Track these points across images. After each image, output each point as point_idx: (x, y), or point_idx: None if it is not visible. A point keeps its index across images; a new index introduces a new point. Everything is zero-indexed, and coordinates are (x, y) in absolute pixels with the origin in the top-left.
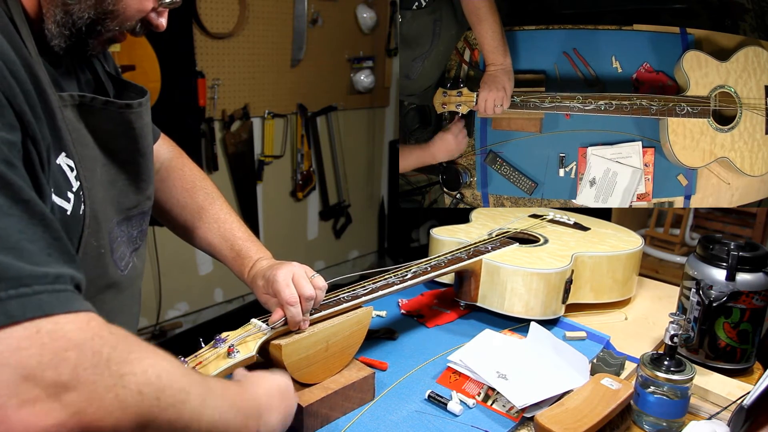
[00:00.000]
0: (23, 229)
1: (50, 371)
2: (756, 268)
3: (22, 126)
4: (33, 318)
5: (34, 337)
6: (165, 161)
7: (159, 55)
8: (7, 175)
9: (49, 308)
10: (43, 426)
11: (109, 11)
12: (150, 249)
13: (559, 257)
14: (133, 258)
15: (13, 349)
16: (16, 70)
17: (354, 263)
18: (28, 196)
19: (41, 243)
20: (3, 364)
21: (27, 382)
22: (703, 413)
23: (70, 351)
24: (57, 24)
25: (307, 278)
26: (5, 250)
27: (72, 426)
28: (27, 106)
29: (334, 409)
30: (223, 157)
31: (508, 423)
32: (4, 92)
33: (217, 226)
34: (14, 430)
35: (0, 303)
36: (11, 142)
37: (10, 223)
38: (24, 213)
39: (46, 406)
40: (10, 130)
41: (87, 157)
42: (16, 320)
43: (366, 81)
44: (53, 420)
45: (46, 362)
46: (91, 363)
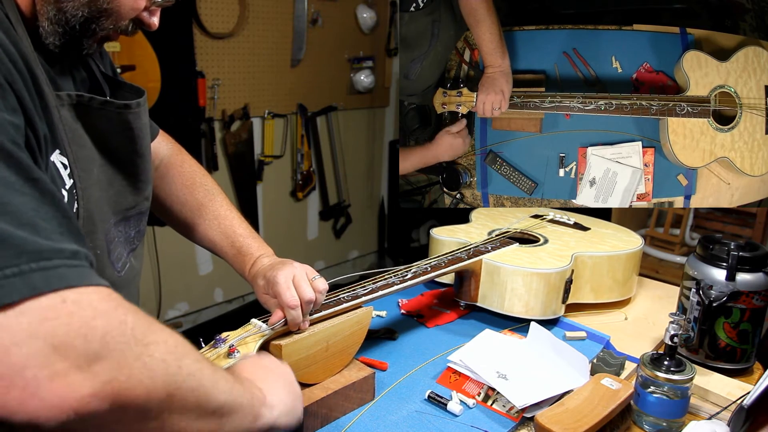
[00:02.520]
0: (36, 207)
1: (79, 340)
2: (756, 268)
3: (24, 112)
4: (57, 289)
5: (60, 307)
6: (164, 158)
7: (159, 55)
8: (16, 153)
9: (72, 280)
10: (77, 397)
11: (103, 9)
12: (150, 249)
13: (559, 257)
14: (130, 258)
15: (41, 319)
16: (16, 61)
17: (354, 263)
18: (37, 174)
19: (53, 222)
20: (32, 336)
21: (57, 353)
22: (703, 413)
23: (97, 319)
24: (50, 21)
25: (307, 281)
26: (22, 225)
27: (105, 396)
28: (27, 94)
29: (334, 409)
30: (223, 157)
31: (508, 423)
32: (5, 77)
33: (218, 223)
34: (48, 403)
35: (22, 275)
36: (16, 125)
37: (24, 201)
38: (35, 191)
39: (79, 377)
40: (13, 113)
41: (83, 157)
42: (41, 291)
43: (366, 81)
44: (87, 390)
45: (74, 331)
46: (118, 331)
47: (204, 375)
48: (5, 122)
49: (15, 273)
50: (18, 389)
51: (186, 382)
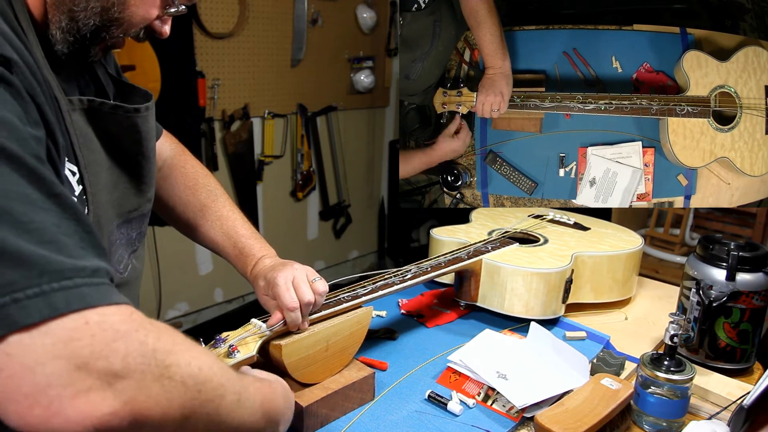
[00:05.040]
0: (58, 223)
1: (102, 361)
2: (756, 268)
3: (45, 124)
4: (79, 310)
5: (83, 329)
6: (167, 159)
7: (159, 55)
8: (39, 169)
9: (92, 300)
10: (99, 415)
11: (115, 19)
12: (150, 249)
13: (559, 257)
14: (131, 260)
15: (65, 340)
16: (35, 72)
17: (354, 263)
18: (59, 190)
19: (75, 237)
20: (55, 356)
21: (80, 372)
22: (703, 413)
23: (118, 341)
24: (62, 30)
25: (307, 283)
26: (44, 243)
27: (124, 415)
28: (47, 105)
29: (334, 409)
30: (223, 157)
31: (508, 423)
32: (28, 91)
33: (220, 224)
34: (70, 420)
35: (44, 296)
36: (38, 138)
37: (46, 218)
38: (58, 207)
39: (101, 395)
40: (35, 127)
41: (93, 161)
42: (62, 312)
43: (366, 81)
44: (108, 408)
45: (97, 352)
46: (138, 353)
47: (223, 403)
48: (28, 136)
49: (37, 293)
50: (41, 407)
51: (204, 407)
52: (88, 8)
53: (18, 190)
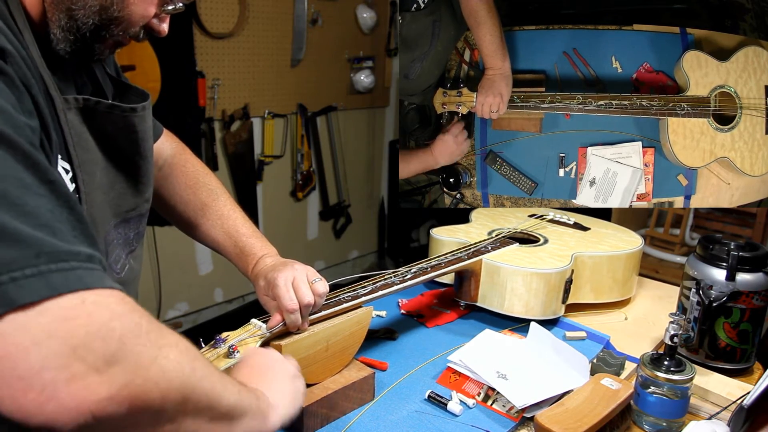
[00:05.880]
0: (52, 209)
1: (98, 342)
2: (756, 268)
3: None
4: (77, 290)
5: (80, 307)
6: (168, 158)
7: (159, 55)
8: (34, 154)
9: (90, 282)
10: (94, 400)
11: (114, 17)
12: (150, 249)
13: (559, 257)
14: (129, 260)
15: (62, 319)
16: (30, 66)
17: (354, 263)
18: (53, 177)
19: (68, 224)
20: (51, 336)
21: (75, 354)
22: (703, 413)
23: (114, 321)
24: (62, 29)
25: (307, 284)
26: (40, 226)
27: (121, 400)
28: (41, 99)
29: (334, 409)
30: (223, 157)
31: (508, 423)
32: (23, 81)
33: (221, 223)
34: (65, 405)
35: (42, 275)
36: (32, 127)
37: (41, 202)
38: (51, 194)
39: (96, 380)
40: (29, 117)
41: (87, 160)
42: (61, 291)
43: (366, 81)
44: (104, 393)
45: (93, 332)
46: (134, 333)
47: (215, 378)
48: (23, 124)
49: (34, 273)
50: (36, 391)
51: (200, 384)
52: (87, 6)
53: (13, 174)
